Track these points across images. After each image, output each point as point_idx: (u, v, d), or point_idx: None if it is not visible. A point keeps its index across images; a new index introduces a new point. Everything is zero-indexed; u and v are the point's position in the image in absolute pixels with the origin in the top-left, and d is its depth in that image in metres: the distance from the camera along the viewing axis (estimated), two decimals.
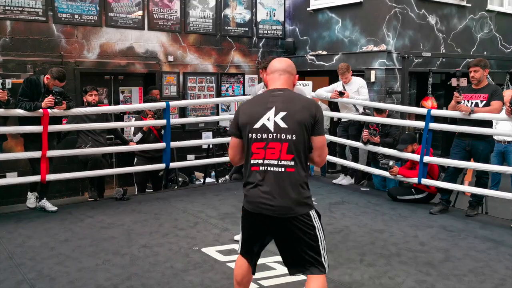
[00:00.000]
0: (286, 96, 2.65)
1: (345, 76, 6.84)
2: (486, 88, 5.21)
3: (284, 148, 2.55)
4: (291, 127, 2.55)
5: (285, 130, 2.56)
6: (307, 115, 2.57)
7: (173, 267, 3.87)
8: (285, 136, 2.56)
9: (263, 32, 9.47)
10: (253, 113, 2.65)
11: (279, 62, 2.80)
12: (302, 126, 2.56)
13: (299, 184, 2.58)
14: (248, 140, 2.64)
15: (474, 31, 9.14)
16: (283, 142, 2.56)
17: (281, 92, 2.68)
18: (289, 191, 2.55)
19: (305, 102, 2.66)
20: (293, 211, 2.56)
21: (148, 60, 8.12)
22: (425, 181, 5.60)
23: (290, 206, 2.55)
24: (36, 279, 3.62)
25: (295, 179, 2.57)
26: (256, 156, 2.61)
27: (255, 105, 2.71)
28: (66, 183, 7.12)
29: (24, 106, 5.11)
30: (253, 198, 2.62)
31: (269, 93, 2.71)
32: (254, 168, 2.62)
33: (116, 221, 5.07)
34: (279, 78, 2.74)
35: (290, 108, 2.59)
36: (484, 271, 3.87)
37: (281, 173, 2.56)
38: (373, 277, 3.72)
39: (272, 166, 2.57)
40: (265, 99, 2.67)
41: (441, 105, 9.08)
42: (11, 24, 6.87)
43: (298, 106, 2.59)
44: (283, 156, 2.55)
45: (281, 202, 2.55)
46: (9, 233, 4.70)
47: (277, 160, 2.56)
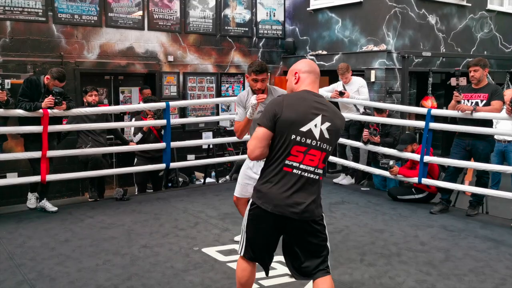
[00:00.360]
0: (329, 106, 2.67)
1: (345, 76, 6.84)
2: (486, 88, 5.21)
3: (322, 158, 2.60)
4: (331, 140, 2.62)
5: (327, 141, 2.60)
6: (340, 132, 2.70)
7: (173, 267, 3.87)
8: (325, 147, 2.60)
9: (263, 32, 9.47)
10: (300, 114, 2.56)
11: (315, 65, 2.79)
12: (336, 140, 2.69)
13: (319, 190, 2.69)
14: (289, 140, 2.55)
15: (474, 31, 9.14)
16: (323, 152, 2.60)
17: (321, 98, 2.68)
18: (314, 197, 2.61)
19: (341, 116, 2.71)
20: (314, 214, 2.62)
21: (148, 60, 8.13)
22: (425, 180, 5.59)
23: (312, 210, 2.60)
24: (36, 280, 3.62)
25: (320, 186, 2.69)
26: (293, 158, 2.56)
27: (300, 105, 2.59)
28: (67, 184, 7.13)
29: (24, 106, 5.11)
30: (277, 201, 2.56)
31: (312, 96, 2.64)
32: (287, 168, 2.57)
33: (116, 221, 5.08)
34: (315, 81, 2.73)
35: (334, 122, 2.62)
36: (484, 270, 3.87)
37: (315, 180, 2.62)
38: (373, 276, 3.72)
39: (308, 172, 2.58)
40: (310, 103, 2.60)
41: (441, 105, 9.08)
42: (11, 25, 6.87)
43: (338, 121, 2.65)
44: (320, 165, 2.62)
45: (306, 207, 2.57)
46: (10, 233, 4.70)
47: (314, 167, 2.60)
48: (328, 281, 2.63)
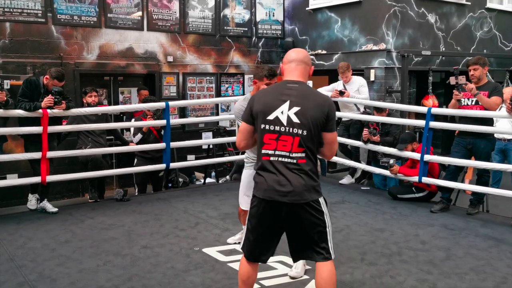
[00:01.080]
0: (301, 90, 2.69)
1: (345, 75, 6.85)
2: (486, 86, 5.21)
3: (295, 142, 2.62)
4: (304, 123, 2.61)
5: (297, 125, 2.62)
6: (319, 113, 2.63)
7: (174, 267, 3.87)
8: (297, 131, 2.62)
9: (262, 32, 9.46)
10: (267, 104, 2.69)
11: (296, 52, 2.82)
12: (314, 123, 2.63)
13: (309, 173, 2.66)
14: (260, 130, 2.70)
15: (473, 29, 9.13)
16: (295, 136, 2.62)
17: (296, 85, 2.71)
18: (299, 179, 2.63)
19: (319, 99, 2.69)
20: (304, 197, 2.64)
21: (148, 61, 8.12)
22: (425, 179, 5.59)
23: (301, 192, 2.63)
24: (37, 281, 3.62)
25: (306, 169, 2.65)
26: (267, 147, 2.68)
27: (269, 95, 2.74)
28: (67, 184, 7.12)
29: (23, 107, 5.11)
30: (265, 186, 2.67)
31: (284, 84, 2.73)
32: (264, 157, 2.69)
33: (116, 222, 5.07)
34: (295, 68, 2.77)
35: (304, 105, 2.63)
36: (485, 269, 3.87)
37: (292, 163, 2.64)
38: (374, 276, 3.71)
39: (283, 157, 2.65)
40: (280, 91, 2.71)
41: (441, 104, 9.07)
42: (10, 26, 6.87)
43: (311, 104, 2.64)
44: (295, 149, 2.63)
45: (293, 189, 2.62)
46: (10, 234, 4.70)
47: (288, 152, 2.64)
48: (326, 267, 2.70)
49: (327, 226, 2.72)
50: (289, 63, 2.79)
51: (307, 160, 2.65)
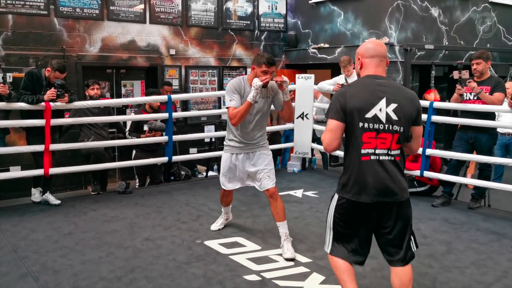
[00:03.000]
0: (393, 86, 2.67)
1: (347, 69, 6.83)
2: (488, 80, 5.19)
3: (394, 139, 2.59)
4: (401, 120, 2.59)
5: (396, 122, 2.58)
6: (413, 108, 2.64)
7: (176, 259, 3.89)
8: (396, 128, 2.58)
9: (265, 25, 9.44)
10: (364, 101, 2.59)
11: (378, 46, 2.76)
12: (409, 118, 2.62)
13: (403, 170, 2.67)
14: (357, 129, 2.60)
15: (477, 23, 9.09)
16: (394, 133, 2.59)
17: (385, 81, 2.67)
18: (399, 177, 2.61)
19: (410, 94, 2.69)
20: (403, 195, 2.63)
21: (150, 54, 8.12)
22: (427, 173, 5.59)
23: (402, 190, 2.61)
24: (40, 272, 3.64)
25: (402, 165, 2.66)
26: (367, 146, 2.60)
27: (363, 91, 2.64)
28: (69, 177, 7.15)
29: (26, 100, 5.12)
30: (369, 188, 2.58)
31: (374, 80, 2.66)
32: (365, 157, 2.60)
33: (119, 214, 5.09)
34: (379, 64, 2.71)
35: (400, 101, 2.60)
36: (486, 263, 3.88)
37: (392, 161, 2.61)
38: (375, 269, 3.73)
39: (383, 155, 2.60)
40: (373, 87, 2.63)
41: (444, 98, 9.05)
42: (13, 18, 6.87)
43: (406, 99, 2.62)
44: (393, 146, 2.60)
45: (396, 187, 2.59)
46: (13, 226, 4.73)
47: (387, 149, 2.60)
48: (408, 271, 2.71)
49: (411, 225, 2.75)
50: (372, 58, 2.72)
51: (401, 157, 2.65)
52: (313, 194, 5.95)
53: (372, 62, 2.72)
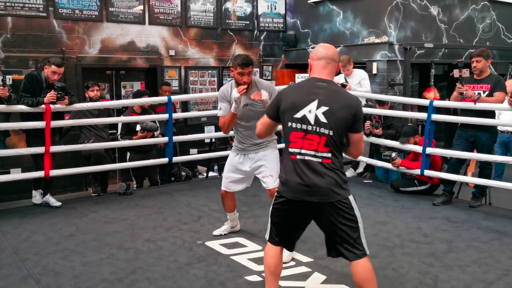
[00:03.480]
0: (330, 89, 2.68)
1: (346, 68, 6.83)
2: (488, 79, 5.19)
3: (322, 142, 2.63)
4: (331, 123, 2.61)
5: (324, 125, 2.62)
6: (347, 114, 2.62)
7: (177, 260, 3.89)
8: (324, 130, 2.62)
9: (264, 25, 9.44)
10: (296, 102, 2.68)
11: (326, 49, 2.79)
12: (341, 123, 2.63)
13: (336, 171, 2.67)
14: (288, 128, 2.71)
15: (476, 22, 9.09)
16: (322, 136, 2.62)
17: (325, 84, 2.70)
18: (326, 179, 2.64)
19: (348, 100, 2.67)
20: (334, 196, 2.65)
21: (150, 55, 8.12)
22: (428, 172, 5.59)
23: (330, 190, 2.64)
24: (41, 274, 3.65)
25: (332, 168, 2.66)
26: (293, 145, 2.69)
27: (298, 93, 2.72)
28: (70, 179, 7.14)
29: (26, 102, 5.12)
30: (293, 186, 2.68)
31: (314, 82, 2.72)
32: (292, 156, 2.70)
33: (119, 216, 5.10)
34: (325, 66, 2.74)
35: (333, 105, 2.62)
36: (487, 261, 3.88)
37: (319, 163, 2.64)
38: (376, 268, 3.71)
39: (309, 156, 2.65)
40: (309, 89, 2.69)
41: (443, 96, 9.05)
42: (12, 20, 6.87)
43: (340, 104, 2.63)
44: (321, 148, 2.63)
45: (321, 188, 2.63)
46: (14, 228, 4.73)
47: (314, 151, 2.64)
48: (362, 265, 2.72)
49: (358, 223, 2.72)
50: (319, 60, 2.75)
51: (333, 159, 2.65)
52: None
53: (318, 65, 2.76)
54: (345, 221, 2.67)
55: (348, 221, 2.68)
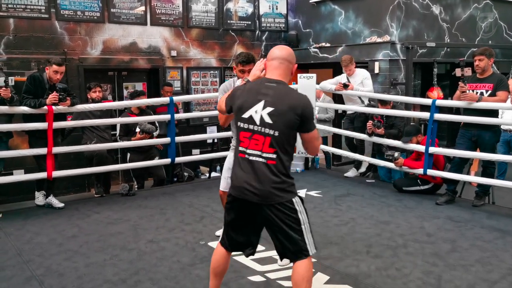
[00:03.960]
0: (277, 90, 2.65)
1: (348, 68, 6.82)
2: (491, 78, 5.17)
3: (266, 142, 2.61)
4: (276, 124, 2.60)
5: (269, 126, 2.61)
6: (292, 116, 2.60)
7: (180, 261, 3.89)
8: (268, 131, 2.61)
9: (266, 25, 9.44)
10: (244, 102, 2.69)
11: (279, 50, 2.78)
12: (287, 124, 2.60)
13: (281, 174, 2.63)
14: (237, 127, 2.75)
15: (478, 20, 9.07)
16: (266, 136, 2.61)
17: (274, 84, 2.68)
18: (270, 180, 2.61)
19: (294, 101, 2.63)
20: (275, 198, 2.62)
21: (151, 56, 8.12)
22: (430, 172, 5.58)
23: (271, 193, 2.61)
24: (44, 275, 3.65)
25: (277, 169, 2.63)
26: (242, 144, 2.71)
27: (248, 93, 2.72)
28: (72, 180, 7.15)
29: (28, 103, 5.13)
30: (238, 184, 2.70)
31: (263, 83, 2.71)
32: (240, 155, 2.73)
33: (122, 217, 5.10)
34: (277, 67, 2.73)
35: (278, 106, 2.60)
36: (491, 261, 3.87)
37: (263, 163, 2.63)
38: (380, 268, 3.72)
39: (255, 156, 2.65)
40: (258, 89, 2.69)
41: (446, 96, 9.03)
42: (14, 22, 6.88)
43: (285, 106, 2.60)
44: (265, 149, 2.62)
45: (263, 189, 2.61)
46: (17, 230, 4.74)
47: (259, 151, 2.63)
48: (301, 265, 2.67)
49: (301, 224, 2.68)
50: (272, 60, 2.75)
51: (278, 160, 2.62)
52: (316, 194, 5.94)
53: (271, 65, 2.76)
54: (286, 224, 2.64)
55: (289, 224, 2.65)
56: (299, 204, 2.71)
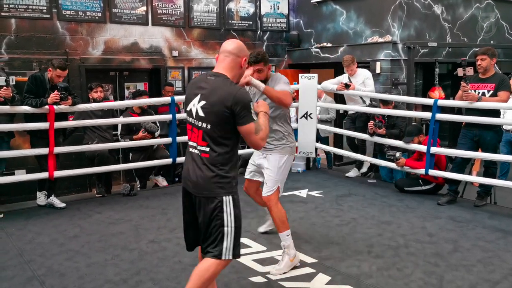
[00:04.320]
0: (214, 83, 2.66)
1: (350, 68, 6.82)
2: (493, 78, 5.16)
3: (200, 135, 2.67)
4: (207, 118, 2.63)
5: (202, 119, 2.65)
6: (222, 109, 2.59)
7: (181, 261, 3.88)
8: (201, 124, 2.65)
9: (267, 26, 9.43)
10: (188, 95, 2.78)
11: (228, 44, 2.78)
12: (217, 117, 2.61)
13: (214, 167, 2.64)
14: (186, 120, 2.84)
15: (480, 20, 9.05)
16: (199, 130, 2.67)
17: (213, 78, 2.69)
18: (202, 173, 2.65)
19: (224, 93, 2.60)
20: (203, 191, 2.65)
21: (153, 56, 8.12)
22: (432, 172, 5.57)
23: (202, 185, 2.65)
24: (46, 275, 3.65)
25: (209, 162, 2.65)
26: (188, 136, 2.81)
27: (191, 86, 2.80)
28: (74, 180, 7.16)
29: (30, 103, 5.13)
30: (183, 174, 2.82)
31: (205, 77, 2.75)
32: (188, 147, 2.82)
33: (124, 217, 5.10)
34: (223, 60, 2.74)
35: (210, 99, 2.62)
36: (493, 261, 3.86)
37: (198, 155, 2.69)
38: (381, 268, 3.71)
39: (193, 148, 2.74)
40: (199, 83, 2.74)
41: (448, 96, 9.02)
42: (15, 22, 6.89)
43: (216, 98, 2.61)
44: (200, 141, 2.68)
45: (195, 181, 2.67)
46: (19, 230, 4.74)
47: (196, 143, 2.71)
48: (206, 263, 2.66)
49: (224, 226, 2.64)
50: (220, 54, 2.76)
51: (211, 154, 2.64)
52: (318, 194, 5.94)
53: (219, 59, 2.77)
54: (209, 219, 2.64)
55: (212, 220, 2.64)
56: (229, 205, 2.66)
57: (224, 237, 2.64)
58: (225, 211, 2.64)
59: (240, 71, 2.78)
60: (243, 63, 2.75)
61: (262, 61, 3.67)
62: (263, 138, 2.72)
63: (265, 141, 2.76)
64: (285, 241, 3.68)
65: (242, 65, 2.76)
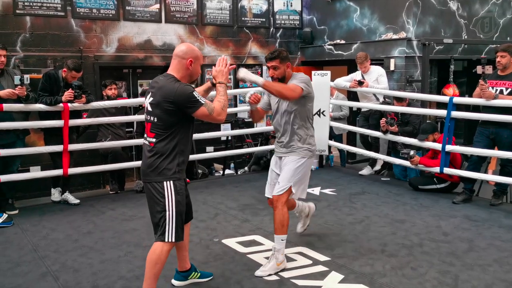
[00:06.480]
0: (160, 83, 2.96)
1: (363, 65, 6.76)
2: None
3: (148, 127, 3.00)
4: (154, 112, 2.95)
5: (150, 113, 2.98)
6: (165, 104, 2.88)
7: (194, 259, 3.88)
8: (150, 118, 2.98)
9: (280, 23, 9.40)
10: (146, 93, 3.10)
11: (177, 47, 3.13)
12: (161, 111, 2.90)
13: (157, 156, 2.95)
14: None
15: (496, 16, 8.91)
16: (148, 123, 3.00)
17: (162, 78, 3.01)
18: (148, 160, 2.98)
19: (166, 90, 2.89)
20: (148, 177, 2.98)
21: (166, 53, 8.14)
22: (447, 170, 5.50)
23: (147, 172, 2.97)
24: (60, 271, 3.68)
25: (154, 151, 2.96)
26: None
27: (149, 86, 3.11)
28: (88, 177, 7.20)
29: (44, 101, 5.18)
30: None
31: (159, 77, 3.07)
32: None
33: (137, 213, 5.12)
34: (172, 62, 3.07)
35: (156, 96, 2.94)
36: (509, 261, 3.80)
37: (147, 145, 3.01)
38: (395, 267, 3.68)
39: (145, 139, 3.05)
40: (153, 83, 3.06)
41: (463, 93, 8.90)
42: (30, 20, 6.95)
43: (160, 93, 2.91)
44: (148, 133, 3.00)
45: (144, 170, 3.01)
46: (33, 226, 4.79)
47: (146, 135, 3.04)
48: (154, 245, 3.00)
49: (165, 210, 2.93)
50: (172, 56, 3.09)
51: (156, 143, 2.94)
52: (331, 192, 5.90)
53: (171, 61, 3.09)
54: (153, 203, 2.98)
55: (155, 204, 2.96)
56: (169, 190, 2.94)
57: (166, 221, 2.95)
58: (166, 196, 2.94)
59: (188, 71, 3.05)
60: (188, 64, 3.03)
61: (277, 58, 3.60)
62: (219, 112, 3.00)
63: (224, 111, 3.01)
64: (277, 244, 3.60)
65: (188, 66, 3.04)
